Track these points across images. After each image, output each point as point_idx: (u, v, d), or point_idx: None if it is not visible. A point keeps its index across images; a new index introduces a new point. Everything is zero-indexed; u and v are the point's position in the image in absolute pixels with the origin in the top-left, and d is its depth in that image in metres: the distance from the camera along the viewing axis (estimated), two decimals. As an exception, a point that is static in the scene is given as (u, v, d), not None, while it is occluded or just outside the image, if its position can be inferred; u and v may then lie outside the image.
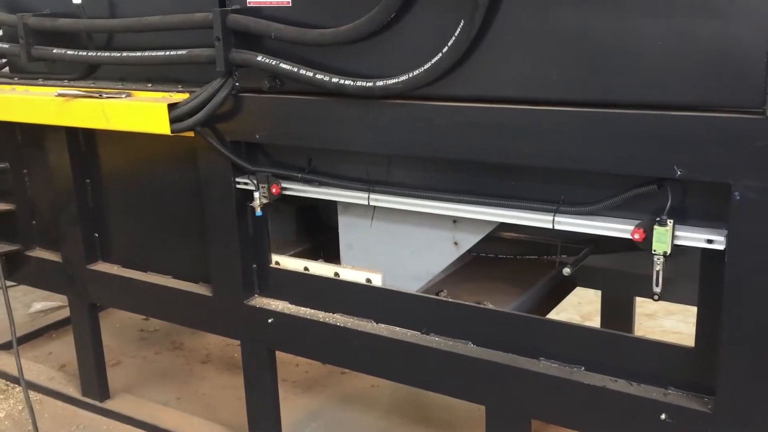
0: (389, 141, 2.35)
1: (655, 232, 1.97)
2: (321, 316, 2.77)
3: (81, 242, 3.39)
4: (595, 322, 4.44)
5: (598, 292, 3.82)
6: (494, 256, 3.09)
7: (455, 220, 2.56)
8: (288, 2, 2.44)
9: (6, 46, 3.31)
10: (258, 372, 2.99)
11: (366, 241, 2.75)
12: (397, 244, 2.70)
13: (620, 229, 2.08)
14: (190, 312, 3.13)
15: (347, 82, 2.31)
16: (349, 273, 2.76)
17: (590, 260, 3.05)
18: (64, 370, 4.12)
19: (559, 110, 2.05)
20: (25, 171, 3.61)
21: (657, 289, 2.01)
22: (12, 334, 3.49)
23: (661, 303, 3.93)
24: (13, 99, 3.17)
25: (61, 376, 4.00)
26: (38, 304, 5.14)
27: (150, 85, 2.95)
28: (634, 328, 3.51)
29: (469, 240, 2.60)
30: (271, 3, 2.47)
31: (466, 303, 2.53)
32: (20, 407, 3.76)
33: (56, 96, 2.95)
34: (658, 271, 1.98)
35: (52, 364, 4.22)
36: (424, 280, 2.73)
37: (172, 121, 2.71)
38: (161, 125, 2.72)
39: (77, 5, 3.01)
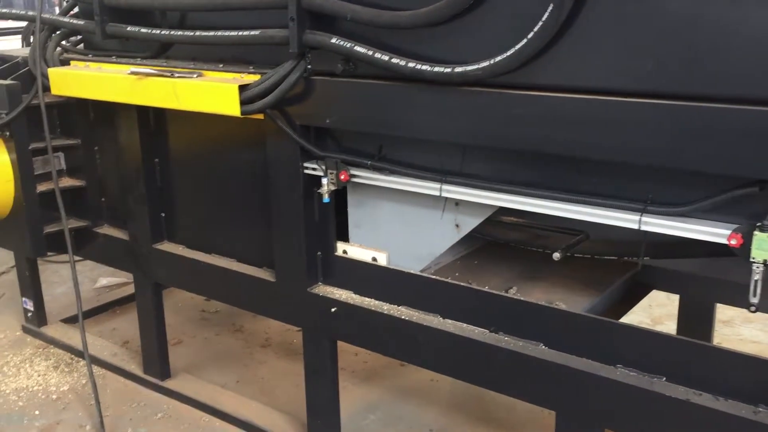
0: (465, 130, 2.25)
1: (755, 238, 1.82)
2: (386, 308, 2.70)
3: (148, 221, 3.40)
4: (666, 327, 4.26)
5: (670, 295, 3.65)
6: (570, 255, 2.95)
7: (457, 203, 2.54)
8: (366, -18, 2.35)
9: (81, 22, 3.32)
10: (319, 361, 2.94)
11: (373, 220, 2.77)
12: (403, 224, 2.72)
13: (714, 233, 1.93)
14: (252, 296, 3.10)
15: (424, 68, 2.21)
16: (356, 251, 2.81)
17: (668, 262, 2.90)
18: (127, 347, 4.16)
19: (654, 103, 1.91)
20: (96, 148, 3.63)
21: (755, 300, 1.86)
22: (78, 309, 3.53)
23: (738, 309, 3.75)
24: (86, 76, 3.17)
25: (124, 352, 4.04)
26: (104, 279, 5.23)
27: (221, 65, 2.90)
28: (713, 335, 3.33)
29: (470, 222, 2.57)
30: (348, -18, 2.38)
31: (539, 302, 2.42)
32: (84, 381, 3.81)
33: (129, 74, 2.94)
34: (756, 281, 1.83)
35: (115, 339, 4.28)
36: (427, 260, 2.73)
37: (243, 102, 2.66)
38: (231, 107, 2.68)
39: (152, -17, 2.98)
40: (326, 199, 2.67)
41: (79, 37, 3.67)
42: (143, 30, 3.03)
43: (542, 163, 2.25)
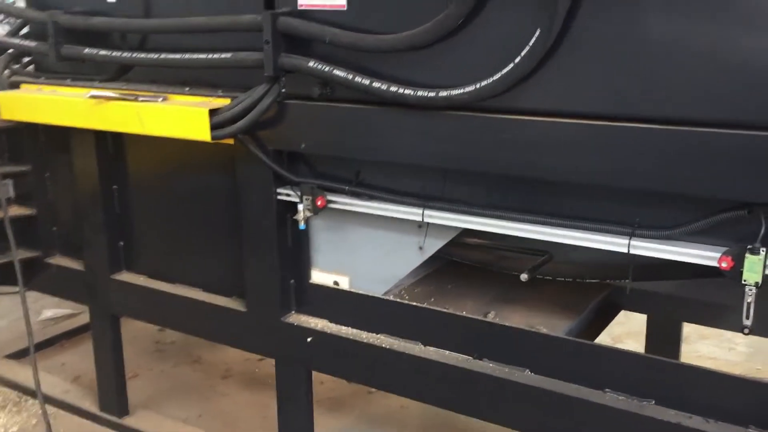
0: (449, 154, 2.22)
1: (746, 261, 1.83)
2: (365, 336, 2.63)
3: (106, 250, 3.25)
4: (627, 345, 4.30)
5: (627, 313, 3.69)
6: (542, 278, 2.94)
7: (420, 225, 2.50)
8: (343, 5, 2.31)
9: (33, 44, 3.17)
10: (293, 392, 2.85)
11: (334, 244, 2.73)
12: (365, 247, 2.68)
13: (704, 256, 1.95)
14: (221, 327, 2.98)
15: (407, 92, 2.18)
16: (317, 275, 2.78)
17: (637, 283, 2.92)
18: (79, 383, 3.96)
19: (641, 127, 1.92)
20: (47, 174, 3.47)
21: (747, 322, 1.87)
22: (30, 344, 3.34)
23: (694, 326, 3.82)
24: (41, 100, 3.03)
25: (77, 388, 3.84)
26: (48, 311, 4.98)
27: (187, 89, 2.80)
28: (680, 354, 3.37)
29: (434, 245, 2.55)
30: (324, 6, 2.34)
31: (523, 327, 2.40)
32: (34, 421, 3.61)
33: (89, 98, 2.81)
34: (749, 303, 1.85)
35: (65, 375, 4.07)
36: (390, 283, 2.69)
37: (213, 127, 2.57)
38: (201, 132, 2.59)
39: (110, 4, 2.87)
40: (302, 225, 2.60)
41: (27, 58, 3.52)
42: (102, 52, 2.91)
43: (527, 187, 2.23)
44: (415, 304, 2.60)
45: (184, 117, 2.62)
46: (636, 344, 4.02)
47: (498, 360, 2.40)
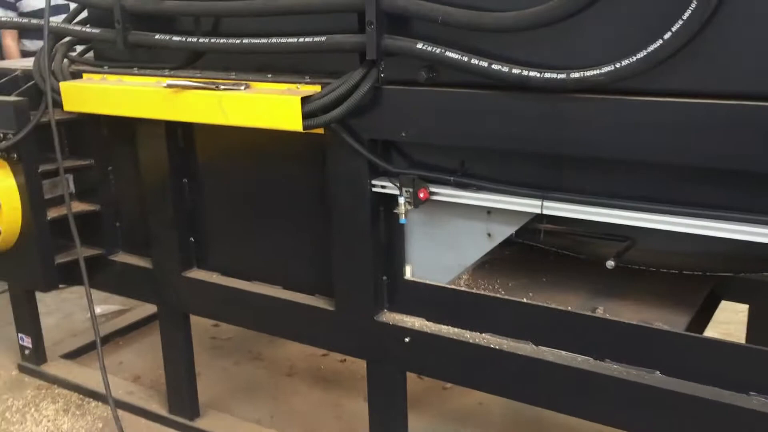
0: (575, 140, 2.05)
1: None
2: (468, 335, 2.48)
3: (176, 247, 3.10)
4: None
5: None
6: (645, 269, 2.77)
7: (489, 211, 2.38)
8: (456, -19, 2.13)
9: (96, 31, 3.01)
10: (388, 395, 2.70)
11: None
12: (429, 234, 2.56)
13: None
14: (307, 327, 2.83)
15: (532, 74, 2.00)
16: None
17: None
18: (140, 383, 3.83)
19: (808, 108, 1.74)
20: (110, 168, 3.31)
21: None
22: (97, 345, 3.20)
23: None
24: (110, 90, 2.87)
25: (140, 389, 3.71)
26: (98, 307, 4.84)
27: (270, 75, 2.63)
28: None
29: (503, 231, 2.42)
30: (433, -18, 2.16)
31: (651, 326, 2.24)
32: (100, 425, 3.48)
33: (165, 87, 2.65)
34: None
35: (125, 375, 3.94)
36: (455, 272, 2.57)
37: (305, 116, 2.41)
38: (292, 121, 2.42)
39: (186, -14, 2.69)
40: (403, 219, 2.44)
41: (82, 47, 3.36)
42: (176, 38, 2.74)
43: (662, 173, 2.06)
44: (521, 300, 2.45)
45: (272, 106, 2.45)
46: (713, 333, 3.86)
47: (620, 361, 2.24)
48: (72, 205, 3.22)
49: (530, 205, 2.23)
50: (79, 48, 3.36)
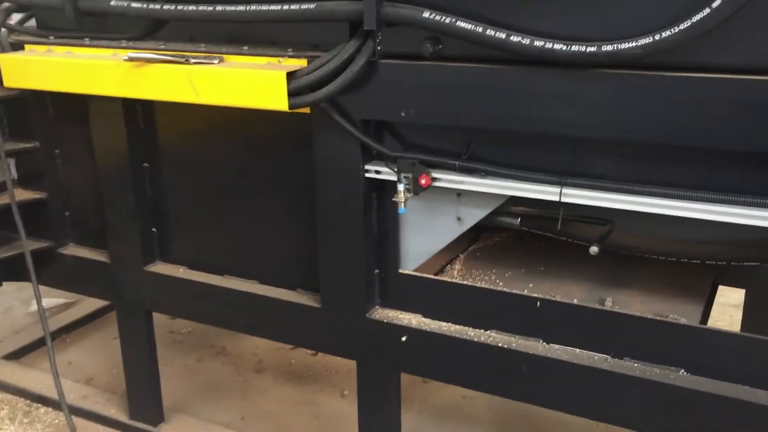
0: (604, 121, 1.85)
1: None
2: (471, 333, 2.28)
3: (138, 239, 2.79)
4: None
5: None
6: (647, 257, 2.62)
7: (459, 194, 2.27)
8: (464, -59, 1.89)
9: (41, -3, 2.65)
10: (381, 397, 2.48)
11: None
12: None
13: None
14: (289, 326, 2.59)
15: (557, 47, 1.79)
16: None
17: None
18: (94, 385, 3.52)
19: None
20: (57, 151, 2.96)
21: None
22: (49, 347, 2.89)
23: None
24: (59, 63, 2.53)
25: (95, 393, 3.40)
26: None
27: (246, 47, 2.35)
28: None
29: (474, 215, 2.28)
30: (440, -57, 1.92)
31: (676, 321, 2.08)
32: (51, 432, 3.17)
33: (125, 60, 2.34)
34: None
35: (76, 376, 3.61)
36: (422, 258, 2.41)
37: (290, 94, 2.15)
38: (276, 100, 2.16)
39: (145, -55, 2.37)
40: (402, 209, 2.21)
41: (22, 14, 2.98)
42: (135, 5, 2.42)
43: (696, 158, 1.88)
44: (530, 295, 2.26)
45: (253, 82, 2.18)
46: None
47: (640, 358, 2.08)
48: (15, 193, 2.87)
49: (547, 192, 2.02)
50: (17, 16, 2.99)
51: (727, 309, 4.00)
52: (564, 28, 1.83)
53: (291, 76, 2.14)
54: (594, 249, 2.29)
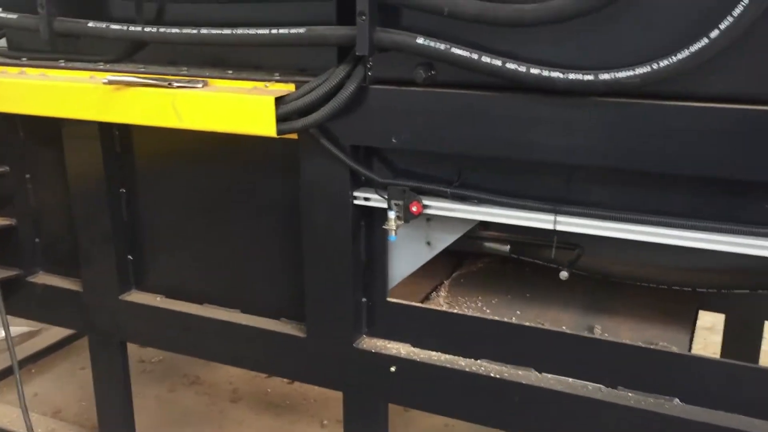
0: (602, 150, 1.84)
1: None
2: (462, 362, 2.24)
3: (113, 266, 2.70)
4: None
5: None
6: (634, 284, 2.62)
7: (429, 219, 2.25)
8: (459, -32, 1.87)
9: (13, 16, 2.56)
10: (368, 428, 2.42)
11: None
12: None
13: None
14: (273, 356, 2.51)
15: (555, 74, 1.78)
16: None
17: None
18: (62, 418, 3.40)
19: None
20: (28, 176, 2.86)
21: None
22: (17, 378, 2.77)
23: None
24: (35, 86, 2.44)
25: (63, 426, 3.28)
26: (1, 330, 4.30)
27: (230, 72, 2.30)
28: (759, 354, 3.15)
29: (443, 240, 2.28)
30: (435, -31, 1.89)
31: (663, 349, 2.08)
32: (17, 470, 3.03)
33: (105, 83, 2.26)
34: None
35: (43, 409, 3.48)
36: (392, 283, 2.36)
37: (279, 119, 2.10)
38: (263, 125, 2.11)
39: (126, -33, 2.31)
40: (393, 236, 2.17)
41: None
42: (114, 27, 2.35)
43: (693, 188, 1.88)
44: (522, 324, 2.23)
45: (239, 107, 2.12)
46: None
47: (634, 387, 2.06)
48: (-18, 220, 2.76)
49: (541, 220, 2.00)
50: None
51: (701, 332, 4.04)
52: (558, 55, 1.83)
53: (279, 101, 2.10)
54: (564, 274, 2.31)
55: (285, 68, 2.28)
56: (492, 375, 2.17)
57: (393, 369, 2.29)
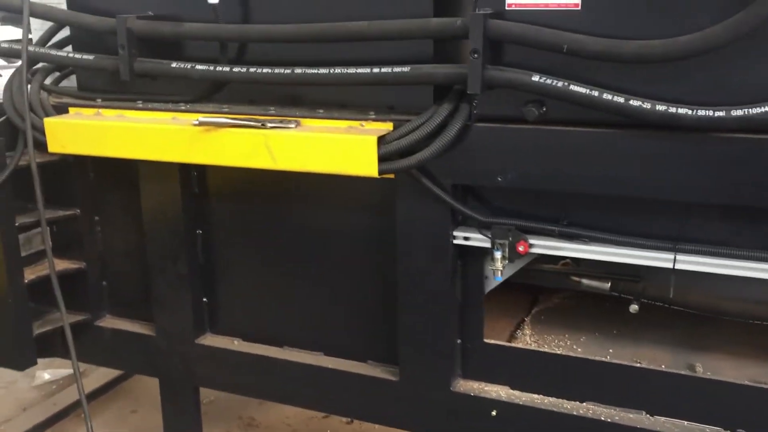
0: (728, 187, 1.79)
1: None
2: (568, 406, 2.17)
3: (189, 310, 2.63)
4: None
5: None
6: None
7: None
8: (576, 4, 1.84)
9: (90, 57, 2.52)
10: (466, 477, 2.34)
11: None
12: None
13: None
14: (361, 401, 2.44)
15: (682, 111, 1.74)
16: None
17: None
18: (121, 466, 3.29)
19: None
20: (97, 218, 2.80)
21: None
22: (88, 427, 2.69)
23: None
24: (117, 128, 2.39)
25: (125, 473, 3.17)
26: (45, 373, 4.20)
27: (321, 111, 2.26)
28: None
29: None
30: (548, 5, 1.87)
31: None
32: None
33: (196, 125, 2.22)
34: None
35: (100, 455, 3.38)
36: None
37: (380, 159, 2.05)
38: (364, 165, 2.06)
39: (212, 5, 2.27)
40: (499, 277, 2.11)
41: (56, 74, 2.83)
42: (200, 67, 2.32)
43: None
44: (630, 364, 2.17)
45: (340, 148, 2.08)
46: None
47: (752, 430, 2.00)
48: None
49: (656, 258, 1.95)
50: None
51: None
52: (679, 91, 1.79)
53: (380, 140, 2.05)
54: (634, 308, 2.34)
55: (372, 106, 2.22)
56: (602, 419, 2.11)
57: (494, 413, 2.22)
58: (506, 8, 1.91)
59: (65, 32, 2.69)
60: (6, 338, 2.65)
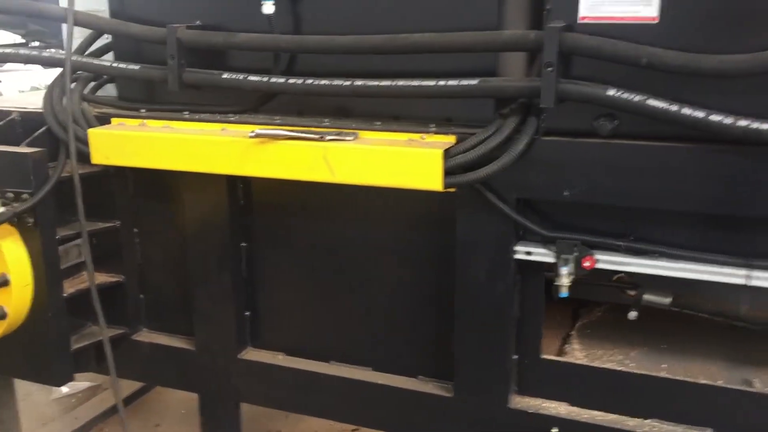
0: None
1: None
2: (632, 423, 2.14)
3: (232, 324, 2.59)
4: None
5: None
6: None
7: None
8: (654, 18, 1.82)
9: (136, 67, 2.48)
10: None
11: None
12: None
13: None
14: (414, 417, 2.40)
15: (766, 126, 1.72)
16: None
17: None
18: (151, 481, 3.23)
19: None
20: (136, 230, 2.75)
21: None
22: (126, 448, 2.62)
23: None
24: (166, 139, 2.35)
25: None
26: (64, 386, 4.13)
27: (379, 123, 2.23)
28: None
29: None
30: (624, 18, 1.85)
31: None
32: None
33: (252, 137, 2.18)
34: None
35: (127, 471, 3.30)
36: None
37: (445, 173, 2.02)
38: (429, 179, 2.03)
39: (268, 16, 2.24)
40: (565, 293, 2.08)
41: (92, 83, 2.78)
42: (253, 78, 2.28)
43: None
44: (691, 380, 2.15)
45: (403, 161, 2.05)
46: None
47: (821, 446, 1.98)
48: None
49: (728, 275, 1.93)
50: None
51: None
52: (756, 106, 1.77)
53: (446, 153, 2.02)
54: (633, 314, 2.33)
55: (430, 118, 2.20)
56: (669, 437, 2.08)
57: (555, 431, 2.19)
58: (579, 21, 1.89)
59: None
60: (44, 353, 2.59)
